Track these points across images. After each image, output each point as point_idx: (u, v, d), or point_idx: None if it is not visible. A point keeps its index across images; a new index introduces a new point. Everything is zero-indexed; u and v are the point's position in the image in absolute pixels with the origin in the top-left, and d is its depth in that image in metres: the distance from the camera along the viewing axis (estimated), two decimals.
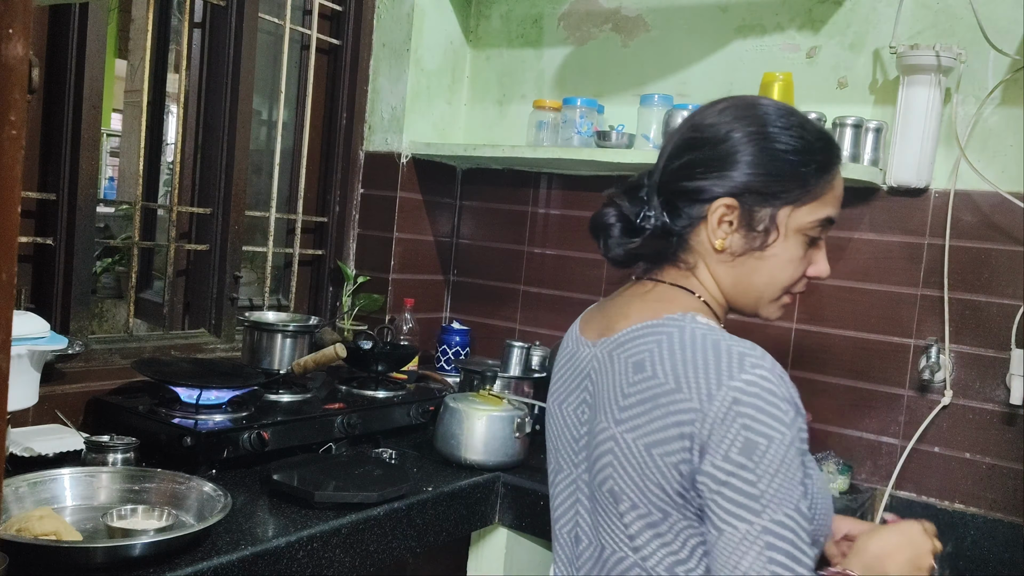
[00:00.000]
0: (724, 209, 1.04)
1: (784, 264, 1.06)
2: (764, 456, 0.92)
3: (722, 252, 1.06)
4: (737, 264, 1.07)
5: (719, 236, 1.05)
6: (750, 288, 1.08)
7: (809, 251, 1.07)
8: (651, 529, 1.00)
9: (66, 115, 1.75)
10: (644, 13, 2.28)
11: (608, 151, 2.09)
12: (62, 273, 1.78)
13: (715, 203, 1.04)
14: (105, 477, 1.42)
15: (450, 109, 2.54)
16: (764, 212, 1.04)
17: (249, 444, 1.60)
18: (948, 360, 1.87)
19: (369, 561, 1.48)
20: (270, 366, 1.93)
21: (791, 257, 1.06)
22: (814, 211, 1.05)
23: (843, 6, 2.01)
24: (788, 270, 1.07)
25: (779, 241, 1.05)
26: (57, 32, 1.75)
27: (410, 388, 2.11)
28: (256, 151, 2.37)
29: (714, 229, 1.05)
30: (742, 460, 0.92)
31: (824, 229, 1.07)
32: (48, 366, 1.65)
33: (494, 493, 1.76)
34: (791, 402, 0.95)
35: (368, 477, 1.56)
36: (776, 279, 1.07)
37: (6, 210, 0.64)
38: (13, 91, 0.63)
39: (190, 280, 2.18)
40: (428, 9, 2.41)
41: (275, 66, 2.29)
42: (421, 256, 2.50)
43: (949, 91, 1.87)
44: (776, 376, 0.95)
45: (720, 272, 1.08)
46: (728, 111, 1.08)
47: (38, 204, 1.77)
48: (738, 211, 1.04)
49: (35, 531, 1.16)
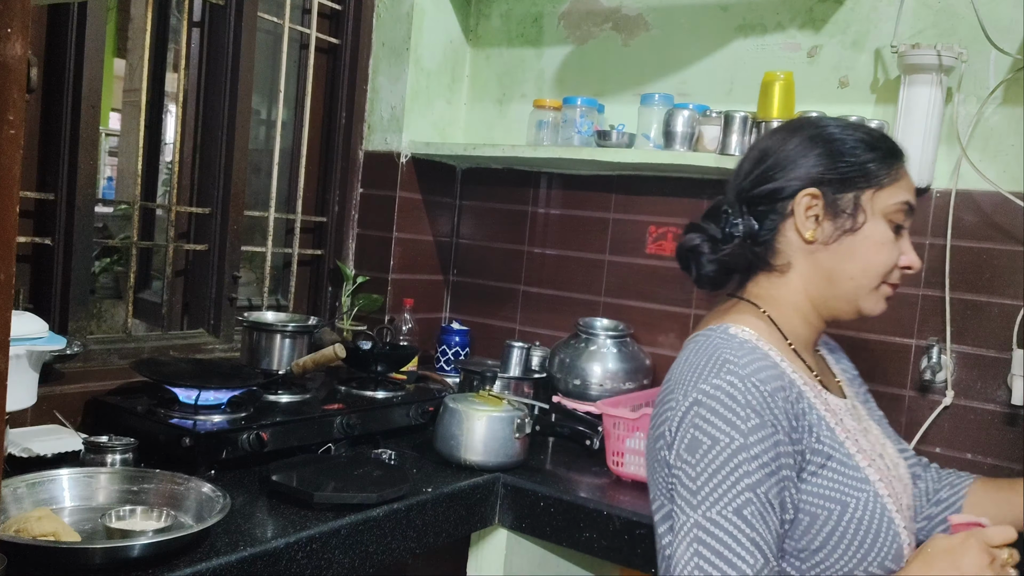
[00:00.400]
0: (808, 199, 1.09)
1: (877, 247, 1.09)
2: (705, 455, 0.97)
3: (813, 243, 1.10)
4: (831, 252, 1.09)
5: (808, 227, 1.09)
6: (846, 277, 1.10)
7: (897, 239, 1.11)
8: (665, 522, 1.04)
9: (65, 114, 1.75)
10: (644, 12, 2.28)
11: (608, 151, 2.09)
12: (60, 273, 1.77)
13: (798, 196, 1.09)
14: (104, 478, 1.42)
15: (450, 109, 2.53)
16: (847, 196, 1.09)
17: (248, 445, 1.60)
18: (949, 360, 1.87)
19: (369, 562, 1.47)
20: (269, 366, 1.92)
21: (883, 239, 1.09)
22: (894, 194, 1.10)
23: (844, 5, 2.01)
24: (882, 253, 1.09)
25: (868, 223, 1.09)
26: (56, 31, 1.75)
27: (410, 388, 2.11)
28: (255, 151, 2.37)
29: (803, 222, 1.09)
30: (686, 456, 0.99)
31: (906, 216, 1.11)
32: (46, 366, 1.64)
33: (494, 494, 1.75)
34: (757, 411, 0.97)
35: (368, 478, 1.56)
36: (872, 263, 1.09)
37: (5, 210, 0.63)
38: (11, 90, 0.63)
39: (189, 280, 2.18)
40: (428, 8, 2.40)
41: (274, 65, 2.29)
42: (421, 256, 2.49)
43: (950, 90, 1.87)
44: (749, 385, 0.98)
45: (814, 267, 1.11)
46: (784, 126, 1.17)
47: (36, 204, 1.77)
48: (822, 200, 1.09)
49: (34, 532, 1.16)
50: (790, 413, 1.00)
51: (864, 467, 1.05)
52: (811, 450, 1.02)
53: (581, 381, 2.09)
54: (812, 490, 1.01)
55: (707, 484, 0.96)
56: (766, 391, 0.99)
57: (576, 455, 1.94)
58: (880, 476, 1.06)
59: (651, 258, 2.26)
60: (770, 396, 0.99)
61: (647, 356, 2.19)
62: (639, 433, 1.75)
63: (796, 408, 1.02)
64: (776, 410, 0.98)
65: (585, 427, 1.85)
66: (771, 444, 0.97)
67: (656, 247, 2.25)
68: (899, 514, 1.04)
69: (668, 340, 2.23)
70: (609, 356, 2.11)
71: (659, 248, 2.25)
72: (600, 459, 1.86)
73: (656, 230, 2.25)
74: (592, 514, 1.64)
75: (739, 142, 1.96)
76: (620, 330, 2.16)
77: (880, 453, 1.13)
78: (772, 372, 1.02)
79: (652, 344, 2.24)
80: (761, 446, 0.96)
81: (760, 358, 1.03)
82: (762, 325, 1.11)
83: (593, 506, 1.64)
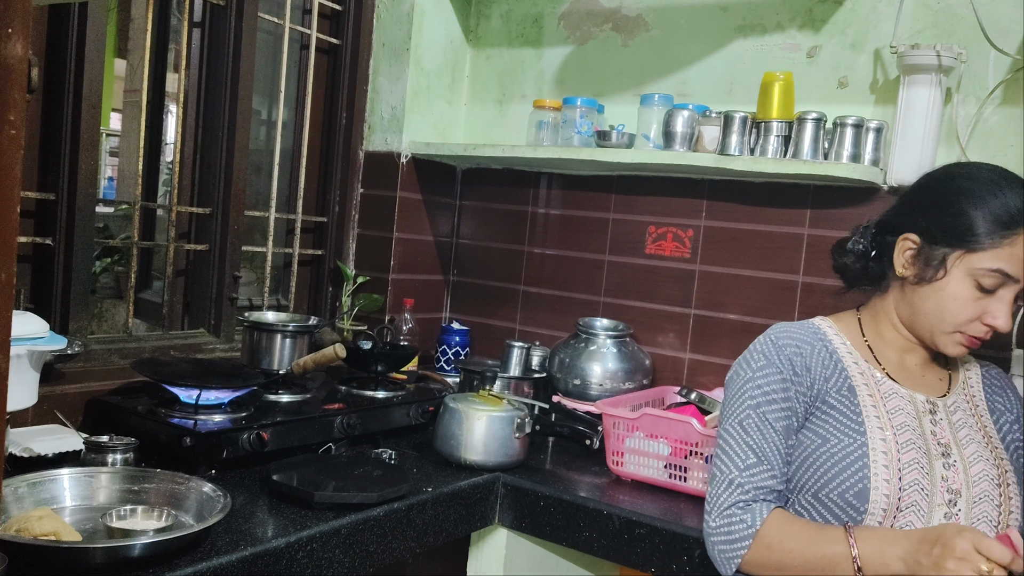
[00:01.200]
0: (908, 243, 1.30)
1: (949, 301, 1.26)
2: (729, 384, 1.35)
3: (904, 279, 1.32)
4: (916, 291, 1.30)
5: (900, 264, 1.31)
6: (922, 316, 1.30)
7: (985, 298, 1.24)
8: None
9: (65, 115, 1.75)
10: (644, 12, 2.28)
11: (608, 151, 2.09)
12: (61, 273, 1.77)
13: (901, 236, 1.31)
14: (104, 477, 1.42)
15: (450, 109, 2.53)
16: (939, 251, 1.27)
17: (248, 444, 1.60)
18: None
19: (369, 562, 1.47)
20: (269, 366, 1.93)
21: (956, 296, 1.25)
22: (985, 260, 1.23)
23: (844, 5, 2.01)
24: (953, 308, 1.26)
25: (946, 279, 1.26)
26: (56, 32, 1.75)
27: (410, 388, 2.11)
28: (256, 151, 2.37)
29: (899, 259, 1.31)
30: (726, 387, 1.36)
31: (998, 281, 1.23)
32: (47, 366, 1.65)
33: (494, 493, 1.75)
34: (767, 357, 1.31)
35: (368, 477, 1.56)
36: (943, 313, 1.27)
37: (5, 210, 0.63)
38: (12, 91, 0.63)
39: (189, 280, 2.18)
40: (428, 8, 2.40)
41: (275, 66, 2.29)
42: (421, 256, 2.49)
43: (950, 91, 1.87)
44: (767, 341, 1.33)
45: (903, 296, 1.33)
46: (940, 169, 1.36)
47: (37, 204, 1.77)
48: (918, 246, 1.29)
49: (34, 531, 1.16)
50: (798, 364, 1.29)
51: (870, 426, 1.25)
52: (822, 399, 1.28)
53: (581, 381, 2.10)
54: (809, 426, 1.28)
55: (726, 406, 1.33)
56: (778, 345, 1.31)
57: (576, 455, 1.94)
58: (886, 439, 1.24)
59: (651, 258, 2.26)
60: (781, 349, 1.31)
61: (647, 356, 2.19)
62: (639, 433, 1.76)
63: (816, 364, 1.30)
64: (783, 358, 1.30)
65: (585, 427, 1.86)
66: (775, 380, 1.29)
67: (656, 247, 2.25)
68: (886, 468, 1.21)
69: (668, 340, 2.23)
70: (609, 356, 2.11)
71: (659, 248, 2.25)
72: (600, 459, 1.86)
73: (656, 230, 2.25)
74: (592, 514, 1.64)
75: (738, 142, 1.97)
76: (620, 330, 2.16)
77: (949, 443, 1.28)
78: (800, 338, 1.33)
79: (652, 344, 2.24)
80: (764, 379, 1.29)
81: (804, 333, 1.34)
82: (850, 322, 1.40)
83: (593, 506, 1.64)
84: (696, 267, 2.20)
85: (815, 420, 1.28)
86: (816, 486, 1.25)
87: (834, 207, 2.01)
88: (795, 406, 1.29)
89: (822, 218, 2.03)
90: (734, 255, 2.15)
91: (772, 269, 2.08)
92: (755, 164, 1.93)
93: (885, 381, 1.32)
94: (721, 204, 2.16)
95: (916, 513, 1.23)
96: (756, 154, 1.97)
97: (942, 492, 1.24)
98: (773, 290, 2.08)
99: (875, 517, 1.22)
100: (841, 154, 1.89)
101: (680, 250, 2.22)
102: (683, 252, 2.22)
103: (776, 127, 1.93)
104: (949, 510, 1.24)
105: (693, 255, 2.20)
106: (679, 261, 2.22)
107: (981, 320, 1.26)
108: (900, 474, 1.22)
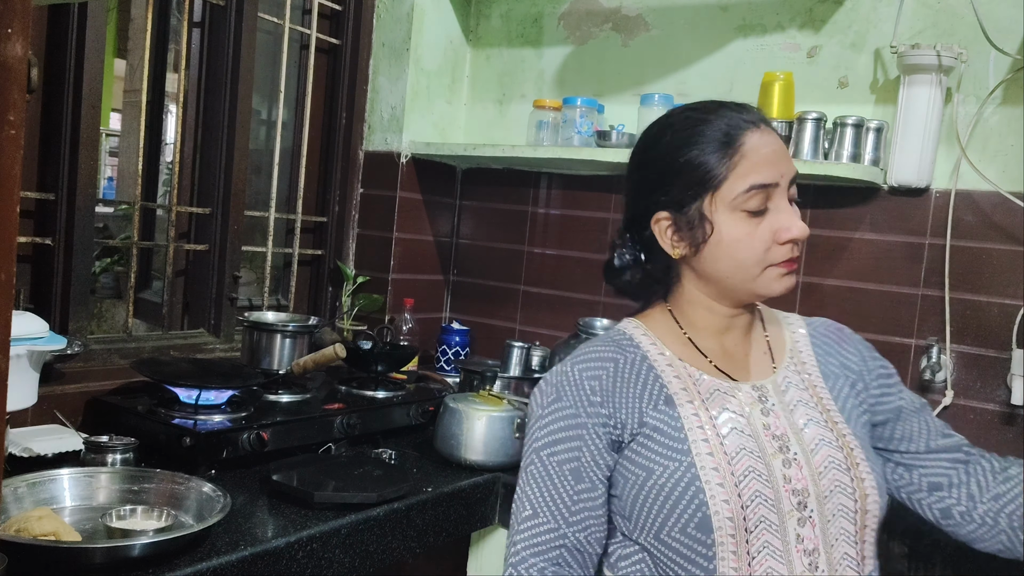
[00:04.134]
0: (662, 223, 1.16)
1: (736, 244, 1.11)
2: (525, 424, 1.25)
3: (684, 257, 1.16)
4: (701, 260, 1.15)
5: (670, 245, 1.16)
6: (726, 277, 1.14)
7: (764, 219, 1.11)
8: None
9: (65, 115, 1.75)
10: (644, 12, 2.28)
11: (608, 151, 2.09)
12: (61, 273, 1.77)
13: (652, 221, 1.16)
14: (104, 477, 1.42)
15: (450, 109, 2.53)
16: (692, 211, 1.12)
17: (248, 444, 1.60)
18: (949, 360, 1.87)
19: (369, 562, 1.47)
20: (269, 366, 1.92)
21: (737, 236, 1.11)
22: (734, 186, 1.10)
23: (844, 5, 2.01)
24: (743, 248, 1.11)
25: (716, 229, 1.11)
26: (56, 32, 1.75)
27: (410, 388, 2.11)
28: (255, 151, 2.37)
29: (666, 244, 1.16)
30: None
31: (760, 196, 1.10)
32: (47, 366, 1.65)
33: (494, 494, 1.75)
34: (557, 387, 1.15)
35: (368, 477, 1.56)
36: (738, 259, 1.12)
37: (5, 210, 0.63)
38: (12, 91, 0.63)
39: (189, 280, 2.18)
40: (428, 8, 2.40)
41: (274, 66, 2.29)
42: (421, 256, 2.49)
43: (950, 91, 1.87)
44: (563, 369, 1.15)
45: (695, 273, 1.18)
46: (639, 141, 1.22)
47: (37, 204, 1.77)
48: (672, 219, 1.15)
49: (34, 531, 1.16)
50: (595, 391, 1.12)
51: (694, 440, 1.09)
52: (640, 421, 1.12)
53: None
54: (629, 456, 1.11)
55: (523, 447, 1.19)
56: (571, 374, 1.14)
57: None
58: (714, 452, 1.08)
59: None
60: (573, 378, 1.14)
61: None
62: None
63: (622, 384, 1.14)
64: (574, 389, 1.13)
65: None
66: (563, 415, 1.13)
67: None
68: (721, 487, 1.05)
69: None
70: None
71: None
72: None
73: None
74: None
75: None
76: None
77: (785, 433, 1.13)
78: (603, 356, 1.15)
79: None
80: (551, 417, 1.14)
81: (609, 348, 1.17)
82: (661, 319, 1.22)
83: None
84: None
85: (637, 449, 1.11)
86: (655, 527, 1.08)
87: (834, 207, 2.01)
88: (590, 443, 1.11)
89: (822, 218, 2.02)
90: None
91: None
92: None
93: (703, 379, 1.16)
94: None
95: (769, 530, 1.06)
96: None
97: (788, 496, 1.08)
98: None
99: (726, 547, 1.04)
100: (841, 154, 1.89)
101: None
102: None
103: (776, 127, 1.93)
104: (801, 514, 1.08)
105: None
106: None
107: (777, 242, 1.11)
108: (738, 489, 1.06)
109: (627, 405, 1.12)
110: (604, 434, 1.12)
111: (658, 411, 1.12)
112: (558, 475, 1.12)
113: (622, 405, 1.12)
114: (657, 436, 1.10)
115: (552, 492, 1.12)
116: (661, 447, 1.09)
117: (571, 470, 1.11)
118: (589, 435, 1.12)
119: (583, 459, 1.11)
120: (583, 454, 1.11)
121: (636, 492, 1.09)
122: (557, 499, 1.11)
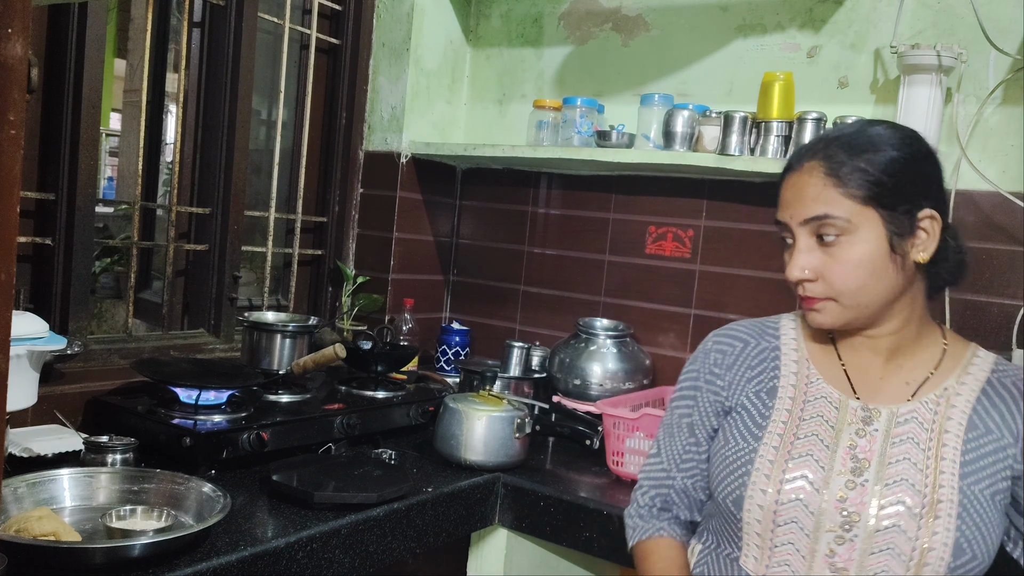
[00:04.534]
0: None
1: None
2: None
3: None
4: None
5: None
6: None
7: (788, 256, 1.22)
8: None
9: (65, 115, 1.75)
10: (644, 12, 2.28)
11: (608, 151, 2.09)
12: (61, 273, 1.77)
13: None
14: (104, 477, 1.42)
15: (450, 109, 2.53)
16: None
17: (248, 444, 1.60)
18: None
19: (369, 562, 1.47)
20: (269, 366, 1.92)
21: None
22: None
23: (844, 5, 2.01)
24: None
25: None
26: (56, 31, 1.75)
27: (410, 388, 2.11)
28: (255, 151, 2.37)
29: None
30: None
31: (785, 233, 1.20)
32: (47, 366, 1.65)
33: (494, 494, 1.75)
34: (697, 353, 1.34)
35: (368, 477, 1.56)
36: None
37: (5, 210, 0.63)
38: (12, 91, 0.63)
39: (189, 280, 2.18)
40: (428, 8, 2.40)
41: (274, 66, 2.29)
42: (421, 256, 2.49)
43: (950, 91, 1.87)
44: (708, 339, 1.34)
45: None
46: None
47: (37, 204, 1.77)
48: None
49: (34, 531, 1.16)
50: (719, 363, 1.29)
51: (770, 432, 1.21)
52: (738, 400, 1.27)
53: (581, 381, 2.09)
54: (725, 424, 1.27)
55: None
56: (708, 344, 1.33)
57: (576, 455, 1.94)
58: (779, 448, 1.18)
59: (651, 258, 2.26)
60: (708, 348, 1.32)
61: (647, 356, 2.19)
62: (639, 433, 1.76)
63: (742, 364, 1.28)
64: (705, 357, 1.31)
65: (585, 427, 1.86)
66: (691, 377, 1.33)
67: (656, 247, 2.25)
68: (767, 478, 1.16)
69: (668, 340, 2.23)
70: (609, 356, 2.11)
71: (659, 248, 2.25)
72: (600, 459, 1.86)
73: (656, 230, 2.25)
74: (592, 514, 1.64)
75: (739, 142, 1.97)
76: (620, 330, 2.16)
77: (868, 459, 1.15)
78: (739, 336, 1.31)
79: (652, 344, 2.24)
80: (685, 376, 1.34)
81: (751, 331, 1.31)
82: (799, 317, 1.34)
83: (593, 506, 1.64)
84: (696, 267, 2.20)
85: (728, 421, 1.26)
86: (712, 484, 1.26)
87: None
88: (701, 404, 1.30)
89: None
90: (734, 255, 2.15)
91: (772, 269, 2.08)
92: (755, 164, 1.93)
93: (818, 384, 1.22)
94: (721, 204, 2.16)
95: (799, 531, 1.14)
96: (756, 154, 1.97)
97: (836, 512, 1.13)
98: (773, 290, 2.08)
99: (752, 528, 1.18)
100: None
101: (680, 250, 2.22)
102: (683, 252, 2.22)
103: (776, 127, 1.93)
104: (842, 534, 1.12)
105: (693, 255, 2.20)
106: (679, 261, 2.22)
107: None
108: (781, 486, 1.15)
109: (737, 382, 1.28)
110: (715, 400, 1.29)
111: (758, 397, 1.25)
112: (677, 426, 1.32)
113: (734, 380, 1.28)
114: (744, 416, 1.25)
115: (670, 439, 1.33)
116: (743, 426, 1.24)
117: (687, 424, 1.31)
118: (703, 397, 1.30)
119: (695, 417, 1.31)
120: (695, 412, 1.31)
121: (714, 454, 1.27)
122: (673, 446, 1.32)
